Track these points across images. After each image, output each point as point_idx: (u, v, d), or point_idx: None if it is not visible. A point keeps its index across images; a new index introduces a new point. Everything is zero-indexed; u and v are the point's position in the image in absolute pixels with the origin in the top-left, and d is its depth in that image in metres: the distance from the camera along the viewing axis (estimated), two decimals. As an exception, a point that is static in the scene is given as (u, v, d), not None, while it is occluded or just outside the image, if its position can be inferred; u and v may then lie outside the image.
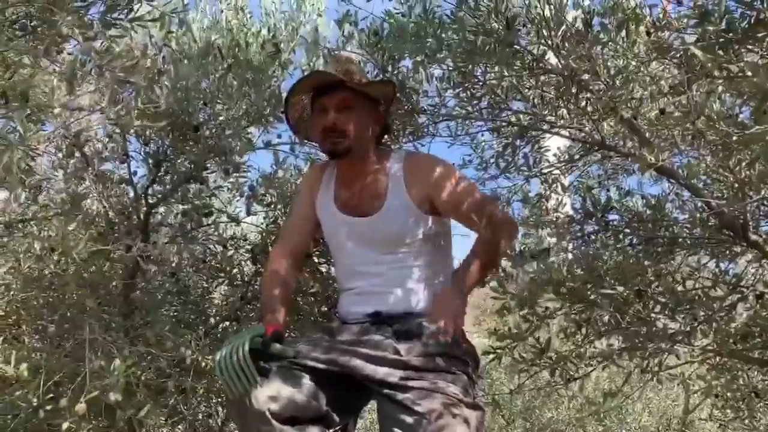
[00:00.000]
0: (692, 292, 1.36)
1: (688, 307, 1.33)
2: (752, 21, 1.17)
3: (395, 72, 1.88)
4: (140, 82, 1.41)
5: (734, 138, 1.15)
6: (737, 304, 1.35)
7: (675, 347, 1.29)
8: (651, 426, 3.63)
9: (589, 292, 1.39)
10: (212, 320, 2.17)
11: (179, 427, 2.50)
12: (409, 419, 1.42)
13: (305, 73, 1.85)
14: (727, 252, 1.50)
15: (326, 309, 2.06)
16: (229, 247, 2.12)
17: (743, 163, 1.37)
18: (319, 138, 1.72)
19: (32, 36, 1.49)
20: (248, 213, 1.97)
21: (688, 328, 1.34)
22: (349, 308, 1.71)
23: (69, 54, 1.53)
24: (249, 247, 2.14)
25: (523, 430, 3.89)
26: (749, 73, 1.10)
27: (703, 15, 1.08)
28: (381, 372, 1.49)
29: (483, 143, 2.05)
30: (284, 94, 1.76)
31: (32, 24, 1.53)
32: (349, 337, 1.61)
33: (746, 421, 2.12)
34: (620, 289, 1.30)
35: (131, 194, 1.92)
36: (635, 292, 1.36)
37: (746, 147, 1.16)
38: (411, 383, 1.47)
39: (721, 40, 1.18)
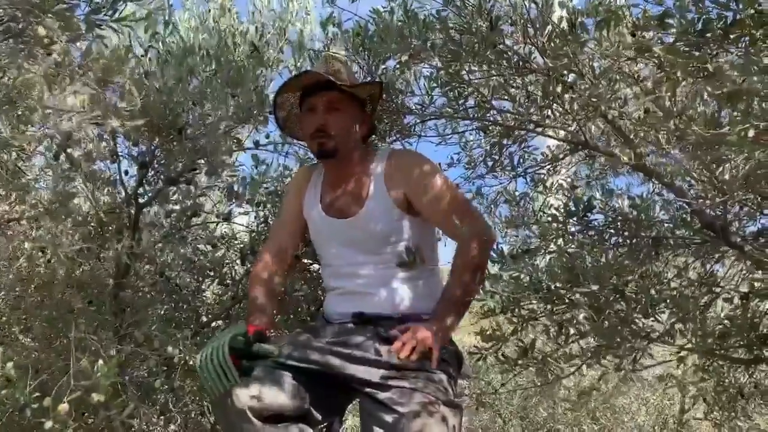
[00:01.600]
0: (669, 292, 1.36)
1: (665, 306, 1.33)
2: (728, 22, 1.17)
3: (380, 72, 1.88)
4: (123, 83, 1.42)
5: (709, 139, 1.15)
6: (711, 304, 1.35)
7: (649, 346, 1.30)
8: (647, 425, 3.62)
9: (568, 292, 1.40)
10: (203, 319, 2.18)
11: (171, 426, 2.52)
12: (389, 418, 1.43)
13: (294, 73, 1.86)
14: (709, 253, 1.49)
15: (314, 309, 2.07)
16: (220, 247, 2.13)
17: (724, 165, 1.37)
18: (307, 138, 1.73)
19: (18, 38, 1.51)
20: (229, 215, 1.98)
21: (666, 327, 1.34)
22: (334, 308, 1.72)
23: (58, 56, 1.54)
24: (239, 246, 2.15)
25: (520, 430, 3.90)
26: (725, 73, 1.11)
27: (664, 15, 1.08)
28: (362, 371, 1.50)
29: (471, 142, 2.05)
30: (271, 95, 1.78)
31: (20, 26, 1.55)
32: (331, 336, 1.62)
33: (740, 421, 2.12)
34: (596, 288, 1.30)
35: (121, 194, 1.94)
36: (615, 292, 1.36)
37: (721, 147, 1.16)
38: (391, 382, 1.48)
39: (698, 39, 1.19)
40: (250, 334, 1.52)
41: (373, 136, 1.90)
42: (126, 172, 1.94)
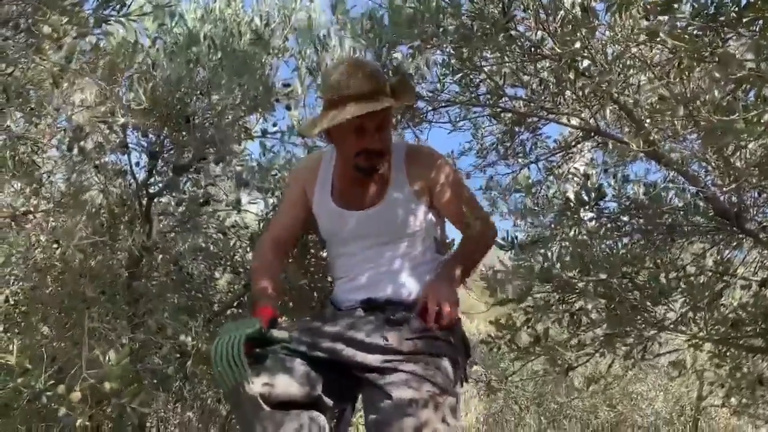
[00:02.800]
0: (684, 279, 1.34)
1: (679, 294, 1.32)
2: (741, 5, 1.14)
3: (391, 59, 1.86)
4: (130, 77, 1.42)
5: (721, 124, 1.13)
6: (723, 292, 1.33)
7: (660, 334, 1.28)
8: (664, 412, 3.60)
9: (580, 281, 1.38)
10: (216, 307, 2.20)
11: (188, 413, 2.56)
12: (386, 405, 1.43)
13: (328, 81, 1.69)
14: (724, 240, 1.47)
15: (323, 297, 2.07)
16: (230, 235, 2.14)
17: (737, 152, 1.34)
18: (352, 154, 1.67)
19: (26, 34, 1.52)
20: (239, 203, 1.98)
21: (679, 316, 1.33)
22: (343, 296, 1.73)
23: (66, 52, 1.55)
24: (249, 234, 2.16)
25: (537, 416, 3.90)
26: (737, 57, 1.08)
27: (670, 1, 1.06)
28: (366, 356, 1.51)
29: (483, 129, 2.03)
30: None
31: (28, 21, 1.56)
32: (340, 323, 1.63)
33: (759, 409, 2.09)
34: (605, 276, 1.29)
35: (132, 185, 1.95)
36: (627, 280, 1.34)
37: (735, 134, 1.13)
38: (394, 365, 1.47)
39: (711, 23, 1.16)
40: (264, 319, 1.52)
41: None
42: (137, 164, 1.96)
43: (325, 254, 2.01)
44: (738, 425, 3.42)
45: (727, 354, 1.81)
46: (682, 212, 1.47)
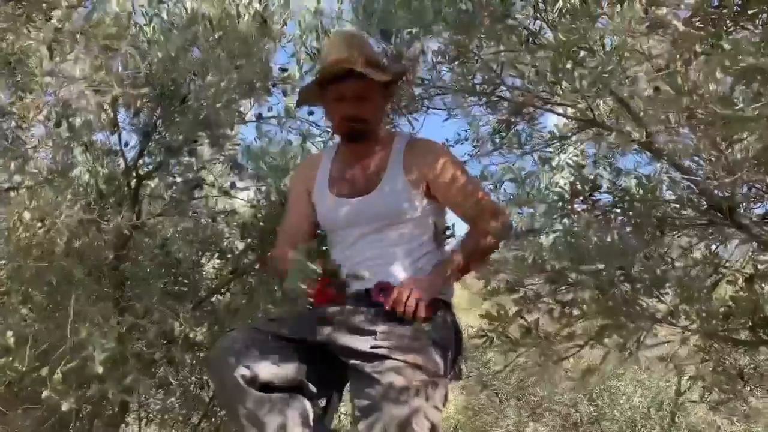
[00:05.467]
0: (674, 272, 1.35)
1: (670, 287, 1.32)
2: (746, -3, 1.14)
3: (390, 44, 1.85)
4: (125, 51, 1.39)
5: (723, 117, 1.13)
6: (717, 284, 1.34)
7: (654, 326, 1.29)
8: (642, 407, 3.64)
9: (572, 272, 1.38)
10: (203, 293, 2.17)
11: (171, 399, 2.53)
12: (371, 392, 1.42)
13: (321, 54, 1.82)
14: (715, 234, 1.48)
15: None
16: (220, 221, 2.11)
17: (735, 145, 1.35)
18: (335, 122, 1.74)
19: (17, 3, 1.47)
20: (233, 186, 1.96)
21: (670, 308, 1.33)
22: (337, 284, 1.71)
23: (58, 22, 1.51)
24: (240, 221, 2.13)
25: (517, 409, 3.93)
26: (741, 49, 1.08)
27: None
28: (353, 341, 1.50)
29: (478, 119, 2.03)
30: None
31: (18, -10, 1.51)
32: (332, 310, 1.62)
33: (736, 404, 2.12)
34: (601, 267, 1.29)
35: (121, 165, 1.91)
36: (619, 272, 1.35)
37: (734, 127, 1.14)
38: (384, 352, 1.47)
39: (714, 16, 1.16)
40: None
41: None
42: (126, 144, 1.92)
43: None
44: (713, 420, 3.48)
45: (712, 348, 1.83)
46: (676, 205, 1.47)
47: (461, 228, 1.80)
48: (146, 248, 2.00)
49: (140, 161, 1.88)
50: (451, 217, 1.81)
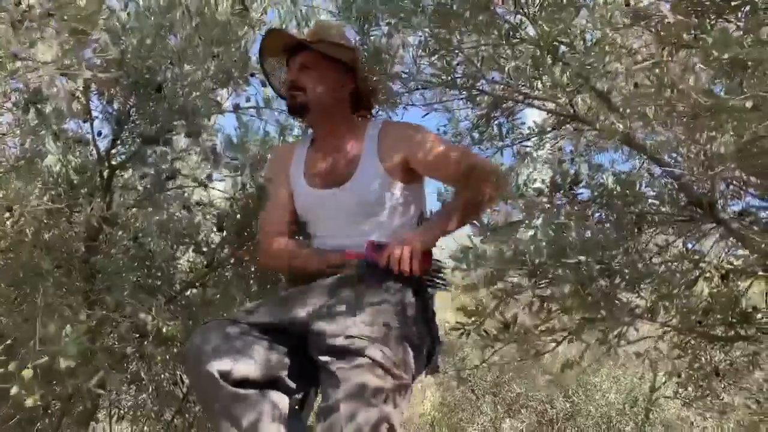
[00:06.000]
0: (655, 267, 1.35)
1: (650, 282, 1.32)
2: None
3: (369, 37, 1.82)
4: (98, 35, 1.34)
5: (708, 109, 1.13)
6: (696, 281, 1.34)
7: (635, 321, 1.28)
8: (618, 403, 3.68)
9: (551, 267, 1.37)
10: (177, 287, 2.13)
11: (144, 395, 2.48)
12: (333, 393, 1.39)
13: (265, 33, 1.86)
14: (692, 231, 1.49)
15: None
16: (195, 213, 2.07)
17: (713, 140, 1.35)
18: (286, 96, 1.79)
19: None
20: (210, 178, 1.92)
21: (650, 304, 1.33)
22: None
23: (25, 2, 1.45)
24: (216, 213, 2.09)
25: (493, 405, 3.93)
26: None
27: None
28: (324, 327, 1.48)
29: (458, 113, 2.02)
30: (254, 56, 1.80)
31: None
32: (310, 293, 1.59)
33: (709, 400, 2.14)
34: (580, 261, 1.28)
35: (93, 154, 1.86)
36: (599, 267, 1.34)
37: (720, 118, 1.14)
38: (353, 346, 1.44)
39: (697, 9, 1.16)
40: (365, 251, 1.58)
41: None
42: (99, 133, 1.86)
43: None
44: (687, 416, 3.52)
45: (689, 344, 1.84)
46: (655, 201, 1.47)
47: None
48: (119, 240, 1.95)
49: (113, 150, 1.83)
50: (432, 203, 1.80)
